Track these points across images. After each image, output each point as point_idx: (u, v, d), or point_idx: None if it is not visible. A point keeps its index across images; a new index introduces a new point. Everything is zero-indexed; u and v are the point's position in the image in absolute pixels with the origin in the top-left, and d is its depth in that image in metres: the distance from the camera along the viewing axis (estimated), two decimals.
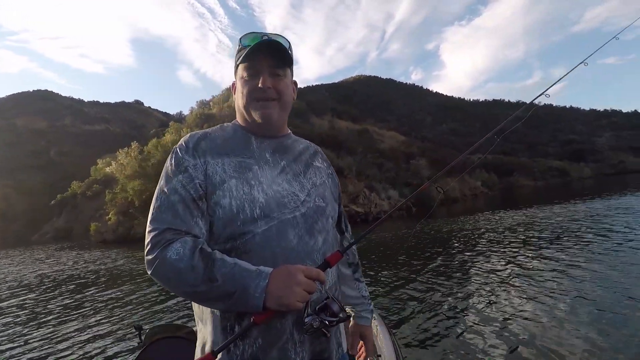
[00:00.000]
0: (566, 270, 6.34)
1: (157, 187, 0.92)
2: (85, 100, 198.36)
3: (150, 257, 0.84)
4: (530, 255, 8.00)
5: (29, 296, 9.80)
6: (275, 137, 1.06)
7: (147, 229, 0.87)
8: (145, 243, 0.86)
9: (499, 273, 6.72)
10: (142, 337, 2.04)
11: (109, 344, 5.19)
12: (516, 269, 6.91)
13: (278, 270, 0.82)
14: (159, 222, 0.86)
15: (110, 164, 40.93)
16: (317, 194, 1.01)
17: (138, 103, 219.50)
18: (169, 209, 0.87)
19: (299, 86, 1.14)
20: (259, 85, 0.96)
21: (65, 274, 13.71)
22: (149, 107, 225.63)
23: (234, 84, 1.08)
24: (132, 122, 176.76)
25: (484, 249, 9.33)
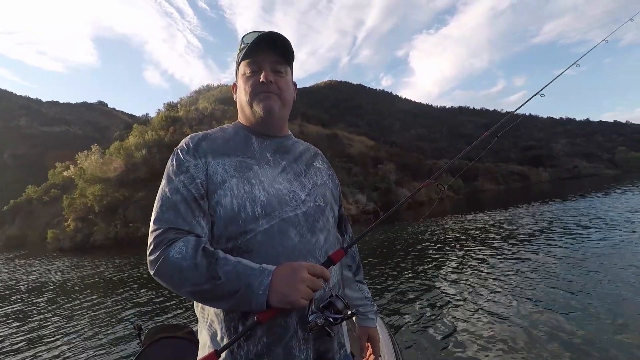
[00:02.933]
0: (553, 268, 6.71)
1: (160, 188, 0.92)
2: (43, 100, 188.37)
3: (152, 257, 0.83)
4: (513, 253, 8.40)
5: (16, 304, 9.34)
6: (276, 138, 1.06)
7: (150, 230, 0.87)
8: (148, 243, 0.85)
9: (490, 272, 6.98)
10: (142, 337, 2.00)
11: (108, 345, 5.26)
12: (502, 267, 7.22)
13: (282, 267, 0.81)
14: (161, 222, 0.86)
15: (69, 168, 39.03)
16: (318, 193, 1.02)
17: (101, 104, 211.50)
18: (170, 209, 0.87)
19: None
20: (261, 79, 0.97)
21: (40, 281, 13.06)
22: (114, 108, 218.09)
23: (234, 85, 1.09)
24: (95, 123, 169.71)
25: (471, 249, 9.64)
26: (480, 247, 9.64)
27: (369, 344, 1.23)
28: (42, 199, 53.49)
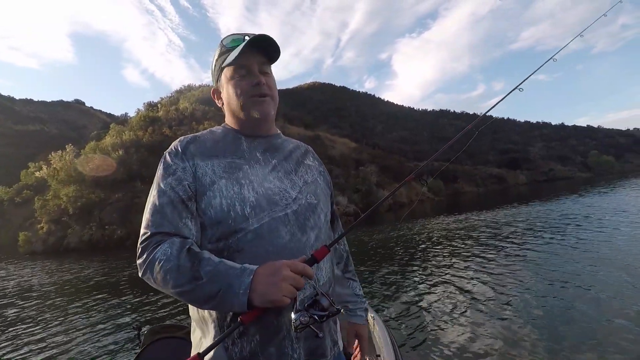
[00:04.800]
0: (541, 268, 6.91)
1: (149, 193, 0.94)
2: (17, 98, 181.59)
3: (140, 260, 0.84)
4: (499, 253, 8.67)
5: (3, 309, 9.16)
6: (266, 137, 1.06)
7: (140, 234, 0.88)
8: (137, 247, 0.86)
9: (481, 272, 7.13)
10: (141, 338, 2.03)
11: (108, 345, 5.32)
12: (492, 267, 7.43)
13: (263, 267, 0.81)
14: (148, 226, 0.87)
15: (42, 168, 37.73)
16: (309, 191, 1.02)
17: (79, 102, 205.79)
18: (157, 212, 0.87)
19: None
20: (254, 82, 0.97)
21: (23, 286, 12.79)
22: (91, 107, 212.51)
23: (214, 90, 1.07)
24: (71, 122, 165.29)
25: (460, 250, 9.85)
26: (468, 248, 9.90)
27: (357, 340, 1.23)
28: (14, 200, 51.75)
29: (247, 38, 0.97)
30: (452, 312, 5.11)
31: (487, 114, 1.39)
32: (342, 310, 0.89)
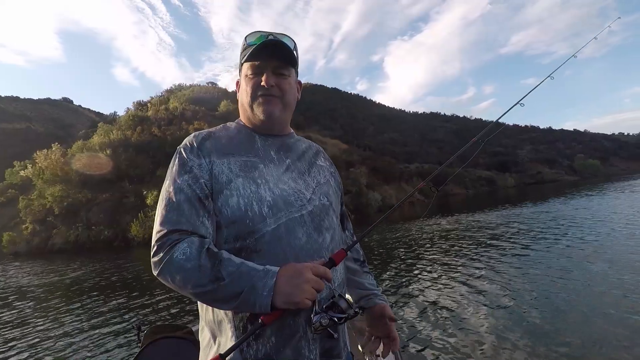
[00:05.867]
0: (538, 268, 7.04)
1: (163, 189, 0.92)
2: (2, 95, 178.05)
3: (156, 258, 0.83)
4: (494, 253, 8.81)
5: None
6: (279, 136, 1.07)
7: (154, 231, 0.86)
8: (152, 244, 0.85)
9: (480, 272, 7.23)
10: (141, 337, 2.04)
11: (107, 345, 5.37)
12: (489, 266, 7.57)
13: (285, 269, 0.81)
14: (164, 223, 0.85)
15: (27, 167, 36.98)
16: (322, 192, 1.02)
17: (66, 101, 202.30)
18: (174, 209, 0.86)
19: None
20: (262, 83, 0.98)
21: (14, 286, 12.62)
22: (80, 105, 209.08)
23: (238, 82, 1.09)
24: (59, 121, 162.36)
25: (456, 250, 10.03)
26: (463, 249, 10.08)
27: (390, 323, 1.20)
28: None
29: (270, 38, 0.98)
30: (451, 311, 5.16)
31: (492, 125, 1.43)
32: (359, 313, 0.90)
